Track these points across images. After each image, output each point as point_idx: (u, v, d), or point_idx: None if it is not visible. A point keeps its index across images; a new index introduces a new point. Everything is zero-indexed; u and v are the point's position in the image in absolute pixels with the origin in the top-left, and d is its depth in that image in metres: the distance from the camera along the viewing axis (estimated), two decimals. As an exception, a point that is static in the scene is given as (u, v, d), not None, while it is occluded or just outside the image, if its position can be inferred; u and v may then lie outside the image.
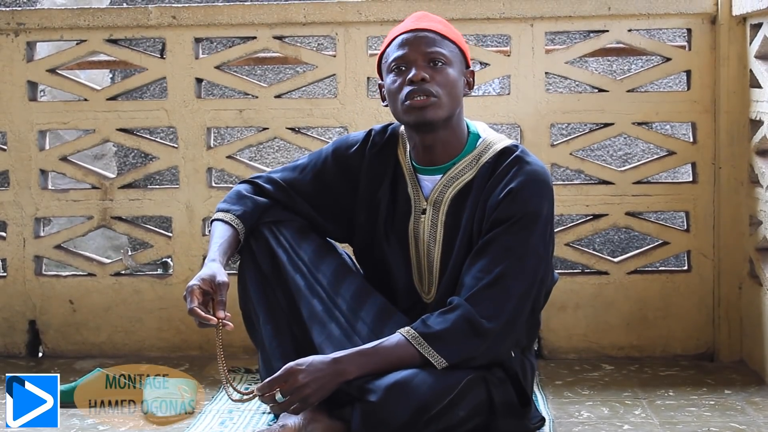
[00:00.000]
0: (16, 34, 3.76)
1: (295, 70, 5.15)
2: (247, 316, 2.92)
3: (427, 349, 2.60)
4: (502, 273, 2.64)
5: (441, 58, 2.72)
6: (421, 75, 2.69)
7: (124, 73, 5.33)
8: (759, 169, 3.42)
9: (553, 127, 3.72)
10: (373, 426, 2.54)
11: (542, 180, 2.72)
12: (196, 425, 2.95)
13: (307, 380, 2.55)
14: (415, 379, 2.56)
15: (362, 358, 2.60)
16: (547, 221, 2.70)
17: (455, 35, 2.80)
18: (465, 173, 2.79)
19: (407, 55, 2.73)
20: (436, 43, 2.74)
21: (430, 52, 2.72)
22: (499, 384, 2.70)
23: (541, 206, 2.69)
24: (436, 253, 2.82)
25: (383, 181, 2.87)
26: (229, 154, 3.79)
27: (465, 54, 2.82)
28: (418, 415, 2.53)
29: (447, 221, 2.79)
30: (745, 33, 3.52)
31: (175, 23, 3.71)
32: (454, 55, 2.76)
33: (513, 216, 2.66)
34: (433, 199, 2.81)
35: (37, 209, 3.81)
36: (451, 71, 2.73)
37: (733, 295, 3.61)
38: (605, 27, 3.65)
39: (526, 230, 2.66)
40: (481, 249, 2.69)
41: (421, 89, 2.69)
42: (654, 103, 3.67)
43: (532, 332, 2.86)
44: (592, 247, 5.18)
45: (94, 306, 3.81)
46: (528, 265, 2.66)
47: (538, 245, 2.68)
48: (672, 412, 3.05)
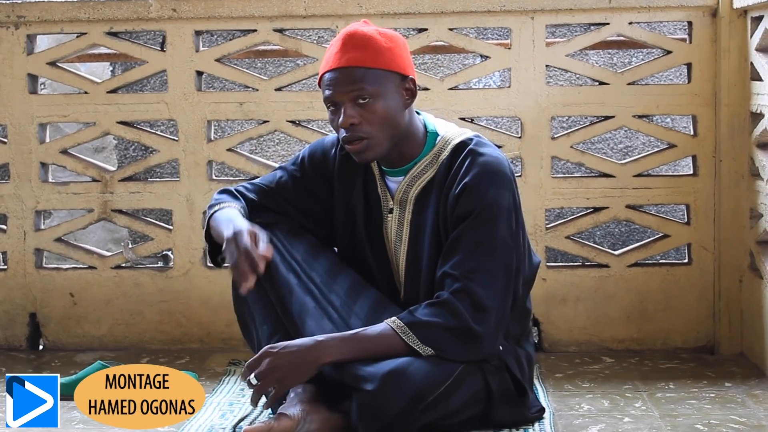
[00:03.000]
0: (17, 26, 3.76)
1: (295, 63, 5.15)
2: (241, 319, 2.93)
3: (414, 339, 2.60)
4: (476, 268, 2.63)
5: (366, 93, 2.67)
6: (348, 121, 2.67)
7: (124, 66, 5.32)
8: (759, 161, 3.42)
9: (553, 120, 3.72)
10: (370, 415, 2.54)
11: (497, 170, 2.70)
12: (197, 417, 2.95)
13: (280, 362, 2.56)
14: (410, 367, 2.56)
15: (341, 343, 2.61)
16: (509, 211, 2.69)
17: (381, 56, 2.70)
18: (426, 171, 2.78)
19: (334, 96, 2.69)
20: (359, 79, 2.67)
21: (354, 91, 2.67)
22: (495, 372, 2.70)
23: (498, 196, 2.67)
24: (402, 251, 2.82)
25: (356, 183, 2.87)
26: (229, 147, 3.79)
27: (398, 69, 2.72)
28: (415, 403, 2.54)
29: (413, 220, 2.80)
30: (745, 26, 3.52)
31: (176, 16, 3.71)
32: (382, 81, 2.69)
33: (473, 210, 2.66)
34: (399, 198, 2.81)
35: (37, 202, 3.81)
36: (381, 103, 2.68)
37: (734, 288, 3.61)
38: (606, 20, 3.64)
39: (490, 222, 2.66)
40: (450, 247, 2.68)
41: (353, 136, 2.68)
42: (654, 96, 3.67)
43: (523, 322, 2.86)
44: (593, 240, 5.18)
45: (94, 299, 3.81)
46: (499, 257, 2.66)
47: (506, 236, 2.67)
48: (672, 404, 3.05)
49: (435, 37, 3.69)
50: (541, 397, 3.07)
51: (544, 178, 3.67)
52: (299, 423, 2.60)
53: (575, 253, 3.74)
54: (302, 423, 2.60)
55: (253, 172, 3.75)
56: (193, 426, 2.87)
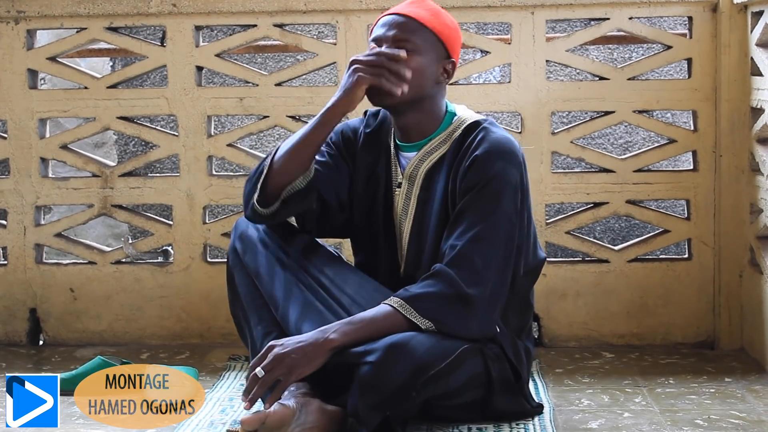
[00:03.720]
0: (17, 22, 3.76)
1: (295, 58, 5.14)
2: (236, 320, 2.95)
3: (412, 312, 2.62)
4: (477, 236, 2.67)
5: (411, 45, 2.74)
6: None
7: (124, 61, 5.32)
8: (760, 157, 3.42)
9: (553, 115, 3.72)
10: (372, 387, 2.54)
11: (507, 147, 2.75)
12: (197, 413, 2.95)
13: (287, 350, 2.57)
14: (413, 340, 2.58)
15: (348, 326, 2.62)
16: (516, 188, 2.73)
17: (440, 25, 2.80)
18: (439, 148, 2.83)
19: (380, 37, 2.77)
20: (410, 30, 2.75)
21: (400, 37, 2.74)
22: (496, 359, 2.73)
23: (506, 171, 2.71)
24: (407, 226, 2.85)
25: (379, 160, 2.91)
26: (229, 142, 3.79)
27: (446, 45, 2.80)
28: (417, 376, 2.55)
29: (420, 195, 2.84)
30: (746, 21, 3.52)
31: (176, 11, 3.71)
32: (428, 44, 2.76)
33: (479, 181, 2.70)
34: (408, 173, 2.85)
35: (37, 197, 3.81)
36: (419, 59, 2.74)
37: (734, 283, 3.61)
38: (606, 15, 3.64)
39: (495, 195, 2.69)
40: (455, 218, 2.72)
41: None
42: (655, 91, 3.67)
43: (525, 316, 2.87)
44: (593, 236, 5.19)
45: (94, 294, 3.82)
46: (502, 229, 2.69)
47: (510, 211, 2.71)
48: (672, 399, 3.05)
49: (435, 32, 3.69)
50: (541, 393, 3.07)
51: (544, 174, 3.67)
52: (296, 413, 2.60)
53: (575, 249, 3.74)
54: (299, 414, 2.60)
55: (253, 166, 3.74)
56: (193, 421, 2.88)
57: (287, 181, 2.78)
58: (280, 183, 2.78)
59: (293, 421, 2.58)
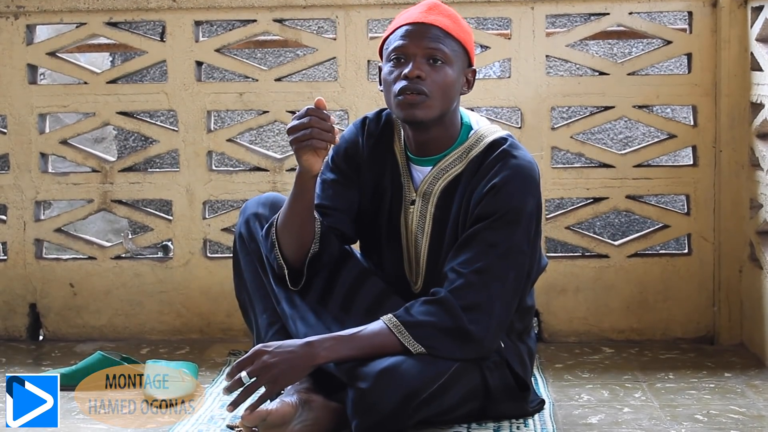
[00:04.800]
0: (16, 17, 3.75)
1: (295, 54, 5.14)
2: (242, 305, 2.92)
3: (408, 338, 2.59)
4: (485, 269, 2.61)
5: (441, 56, 2.66)
6: (416, 72, 2.64)
7: (124, 57, 5.31)
8: (759, 152, 3.42)
9: (553, 110, 3.72)
10: (364, 412, 2.53)
11: (527, 175, 2.67)
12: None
13: (275, 360, 2.54)
14: (403, 365, 2.55)
15: (336, 343, 2.58)
16: (531, 217, 2.67)
17: (463, 32, 2.73)
18: (455, 166, 2.75)
19: (407, 48, 2.67)
20: (439, 40, 2.67)
21: (431, 48, 2.66)
22: (494, 368, 2.70)
23: (524, 202, 2.65)
24: (424, 244, 2.79)
25: (385, 171, 2.84)
26: (229, 138, 3.79)
27: (469, 52, 2.74)
28: (408, 401, 2.53)
29: (436, 214, 2.77)
30: (746, 16, 3.51)
31: (175, 6, 3.70)
32: (456, 54, 2.69)
33: (496, 212, 2.63)
34: (423, 190, 2.78)
35: (37, 193, 3.81)
36: (450, 71, 2.67)
37: (734, 278, 3.61)
38: (606, 10, 3.64)
39: (510, 226, 2.63)
40: (464, 243, 2.66)
41: (414, 87, 2.64)
42: (654, 87, 3.67)
43: (526, 318, 2.84)
44: (593, 231, 5.18)
45: (94, 289, 3.82)
46: (511, 262, 2.64)
47: (522, 242, 2.65)
48: (672, 395, 3.05)
49: (435, 28, 3.68)
50: (541, 388, 3.07)
51: (543, 169, 3.66)
52: (298, 410, 2.59)
53: (575, 244, 3.74)
54: (300, 410, 2.60)
55: (253, 162, 3.75)
56: (193, 416, 2.88)
57: (303, 253, 2.74)
58: (298, 258, 2.75)
59: (295, 418, 2.58)
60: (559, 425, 2.77)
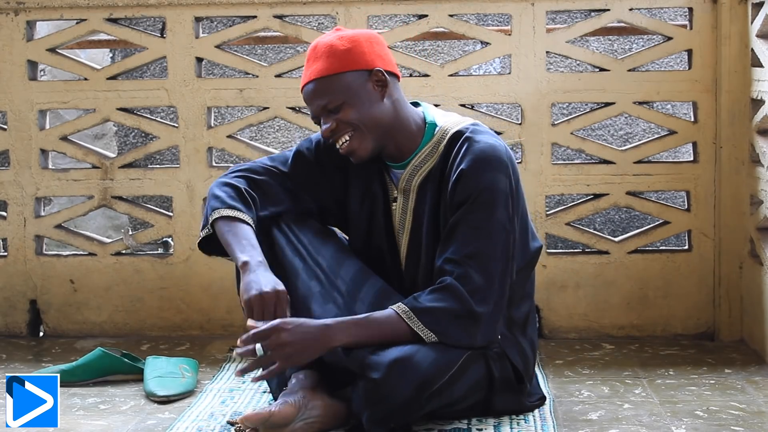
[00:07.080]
0: (16, 13, 3.75)
1: (295, 50, 5.14)
2: None
3: (418, 324, 2.61)
4: (476, 252, 2.64)
5: (333, 104, 2.72)
6: (327, 132, 2.75)
7: (124, 53, 5.32)
8: (760, 148, 3.42)
9: (554, 106, 3.72)
10: (376, 402, 2.54)
11: (491, 155, 2.70)
12: (197, 404, 2.95)
13: (292, 339, 2.56)
14: (417, 355, 2.57)
15: (352, 327, 2.61)
16: (506, 194, 2.69)
17: (340, 60, 2.72)
18: (426, 161, 2.80)
19: (311, 111, 2.78)
20: (324, 91, 2.72)
21: (323, 105, 2.73)
22: (497, 359, 2.72)
23: (495, 181, 2.68)
24: (404, 239, 2.84)
25: (373, 176, 2.88)
26: (229, 134, 3.79)
27: (359, 67, 2.73)
28: (421, 391, 2.55)
29: (416, 208, 2.81)
30: (746, 12, 3.51)
31: (176, 2, 3.70)
32: (345, 86, 2.72)
33: (470, 196, 2.67)
34: (402, 187, 2.83)
35: (37, 189, 3.81)
36: (349, 106, 2.72)
37: (734, 274, 3.61)
38: (606, 6, 3.64)
39: (487, 207, 2.67)
40: (449, 232, 2.69)
41: (337, 138, 2.75)
42: (655, 83, 3.67)
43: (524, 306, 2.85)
44: (593, 227, 5.18)
45: (94, 285, 3.82)
46: (497, 241, 2.67)
47: (503, 220, 2.68)
48: (672, 391, 3.06)
49: (435, 24, 3.69)
50: (541, 384, 3.07)
51: (544, 165, 3.66)
52: (300, 410, 2.60)
53: (575, 240, 3.74)
54: (303, 410, 2.61)
55: (253, 158, 3.75)
56: (193, 412, 2.88)
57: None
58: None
59: (297, 417, 2.60)
60: (559, 421, 2.78)
